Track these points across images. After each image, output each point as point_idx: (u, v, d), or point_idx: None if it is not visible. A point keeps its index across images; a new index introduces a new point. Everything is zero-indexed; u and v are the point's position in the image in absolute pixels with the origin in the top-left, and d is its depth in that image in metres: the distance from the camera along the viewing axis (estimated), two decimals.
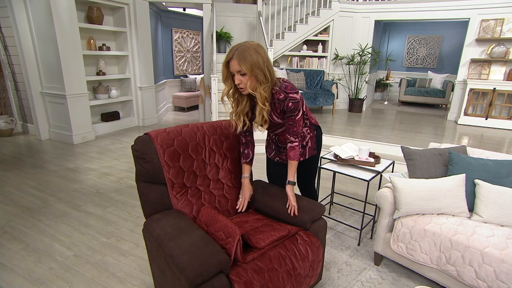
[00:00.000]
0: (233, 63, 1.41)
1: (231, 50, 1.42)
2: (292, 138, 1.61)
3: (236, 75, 1.43)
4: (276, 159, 1.93)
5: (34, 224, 2.46)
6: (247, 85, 1.44)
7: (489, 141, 4.65)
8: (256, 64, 1.40)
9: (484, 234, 1.64)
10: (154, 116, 6.00)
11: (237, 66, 1.40)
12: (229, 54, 1.42)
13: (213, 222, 1.43)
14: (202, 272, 1.16)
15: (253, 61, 1.39)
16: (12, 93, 4.91)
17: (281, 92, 1.51)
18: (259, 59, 1.40)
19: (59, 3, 4.06)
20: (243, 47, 1.40)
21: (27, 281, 1.85)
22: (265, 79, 1.44)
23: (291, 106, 1.52)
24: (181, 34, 7.44)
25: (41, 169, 3.57)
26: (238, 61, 1.39)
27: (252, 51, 1.40)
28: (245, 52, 1.39)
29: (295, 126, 1.58)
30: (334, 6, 6.17)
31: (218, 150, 1.76)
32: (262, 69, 1.41)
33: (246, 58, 1.38)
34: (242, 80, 1.43)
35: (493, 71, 5.50)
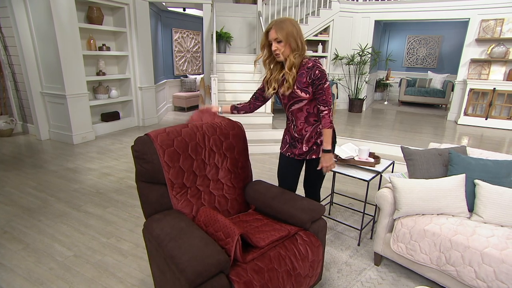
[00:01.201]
0: (272, 31, 1.65)
1: (271, 22, 1.67)
2: (322, 107, 1.72)
3: (274, 42, 1.65)
4: (288, 153, 1.92)
5: (34, 224, 2.46)
6: (282, 51, 1.66)
7: (489, 141, 4.65)
8: (290, 33, 1.63)
9: (484, 234, 1.64)
10: (154, 116, 6.00)
11: (275, 34, 1.64)
12: (269, 25, 1.67)
13: (213, 222, 1.43)
14: (202, 272, 1.16)
15: (288, 30, 1.63)
16: (12, 93, 4.91)
17: (310, 61, 1.69)
18: (293, 29, 1.64)
19: (59, 3, 4.06)
20: (281, 19, 1.66)
21: (27, 281, 1.85)
22: (297, 47, 1.66)
23: (318, 74, 1.66)
24: (181, 34, 7.44)
25: (41, 169, 3.58)
26: (276, 29, 1.63)
27: (288, 22, 1.64)
28: (282, 23, 1.63)
29: (324, 94, 1.70)
30: (334, 6, 6.17)
31: (217, 150, 1.76)
32: (295, 38, 1.64)
33: (282, 28, 1.62)
34: (278, 47, 1.65)
35: (493, 71, 5.50)
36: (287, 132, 1.95)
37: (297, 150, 1.87)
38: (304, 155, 1.87)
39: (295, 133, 1.86)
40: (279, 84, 1.78)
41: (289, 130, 1.91)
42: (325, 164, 1.77)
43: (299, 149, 1.86)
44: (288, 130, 1.93)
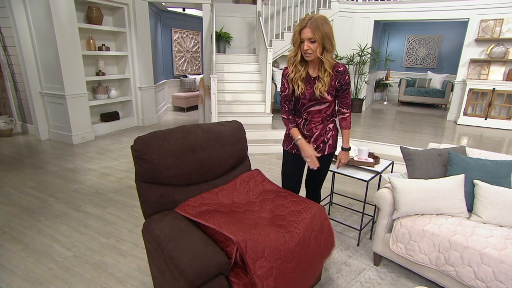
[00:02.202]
0: (306, 30, 1.57)
1: (304, 20, 1.59)
2: (344, 109, 1.81)
3: (306, 41, 1.59)
4: (293, 151, 1.91)
5: (33, 224, 2.46)
6: (315, 51, 1.61)
7: (489, 141, 4.65)
8: (326, 34, 1.58)
9: (483, 234, 1.64)
10: (154, 116, 6.00)
11: (310, 33, 1.57)
12: (303, 23, 1.59)
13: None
14: (202, 274, 1.16)
15: (325, 30, 1.57)
16: (12, 93, 4.90)
17: (341, 65, 1.70)
18: (328, 30, 1.59)
19: (58, 3, 4.06)
20: (315, 18, 1.58)
21: (26, 281, 1.85)
22: (332, 47, 1.63)
23: (347, 80, 1.71)
24: (181, 34, 7.44)
25: (41, 170, 3.57)
26: (312, 29, 1.56)
27: (323, 21, 1.58)
28: (317, 22, 1.56)
29: (348, 98, 1.78)
30: (333, 6, 6.17)
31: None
32: (330, 39, 1.60)
33: (319, 28, 1.56)
34: (310, 46, 1.60)
35: (492, 71, 5.50)
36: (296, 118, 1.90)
37: None
38: None
39: (304, 131, 1.85)
40: (306, 83, 1.74)
41: (298, 126, 1.87)
42: (343, 160, 1.94)
43: None
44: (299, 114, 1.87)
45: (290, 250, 1.35)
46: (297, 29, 1.61)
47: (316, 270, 1.56)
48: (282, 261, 1.31)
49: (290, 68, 1.75)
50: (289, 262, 1.34)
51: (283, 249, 1.32)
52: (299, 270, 1.40)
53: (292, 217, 1.53)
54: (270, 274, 1.26)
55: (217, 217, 1.44)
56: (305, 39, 1.59)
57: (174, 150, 1.57)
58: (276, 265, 1.29)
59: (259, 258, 1.26)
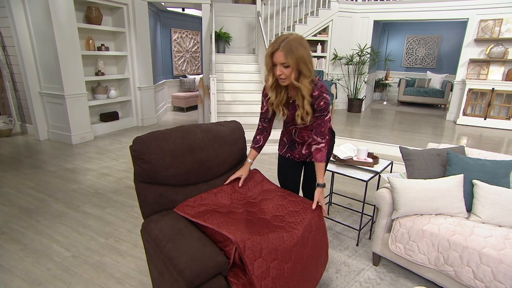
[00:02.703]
0: (279, 54, 1.41)
1: (276, 42, 1.42)
2: (319, 139, 1.61)
3: (279, 66, 1.44)
4: (287, 155, 1.88)
5: (32, 224, 2.46)
6: (289, 76, 1.45)
7: (488, 141, 4.65)
8: (301, 58, 1.41)
9: (482, 234, 1.64)
10: (153, 116, 6.00)
11: (283, 58, 1.40)
12: (275, 45, 1.42)
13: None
14: (200, 274, 1.16)
15: (299, 54, 1.40)
16: (11, 94, 4.90)
17: (316, 89, 1.52)
18: (304, 53, 1.42)
19: (57, 3, 4.06)
20: (288, 40, 1.40)
21: (25, 282, 1.85)
22: (309, 72, 1.46)
23: (323, 105, 1.54)
24: (180, 34, 7.44)
25: (40, 170, 3.57)
26: (285, 53, 1.39)
27: (297, 44, 1.40)
28: (291, 45, 1.39)
29: (323, 126, 1.59)
30: (333, 6, 6.18)
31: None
32: (306, 63, 1.43)
33: (292, 51, 1.39)
34: (283, 71, 1.44)
35: (491, 71, 5.50)
36: (285, 134, 1.87)
37: (296, 152, 1.84)
38: (304, 157, 1.83)
39: (296, 138, 1.80)
40: (289, 107, 1.64)
41: (289, 134, 1.84)
42: (322, 200, 1.61)
43: (298, 152, 1.82)
44: (287, 132, 1.85)
45: (287, 250, 1.34)
46: (269, 52, 1.45)
47: (315, 272, 1.55)
48: (280, 261, 1.31)
49: (269, 93, 1.59)
50: (286, 262, 1.33)
51: (281, 249, 1.32)
52: (297, 270, 1.39)
53: (291, 218, 1.53)
54: (268, 274, 1.26)
55: (216, 217, 1.44)
56: (277, 63, 1.44)
57: (173, 150, 1.56)
58: (273, 265, 1.28)
59: (257, 258, 1.26)
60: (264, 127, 1.79)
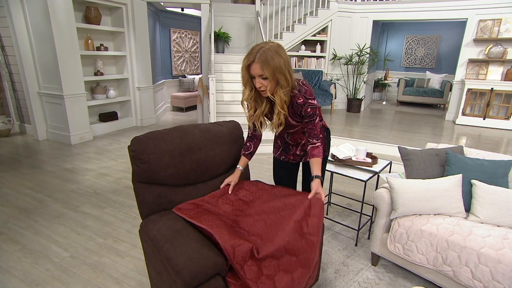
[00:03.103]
0: (255, 66, 1.37)
1: (251, 53, 1.37)
2: (314, 140, 1.61)
3: (257, 78, 1.40)
4: (282, 157, 1.87)
5: (30, 225, 2.45)
6: (267, 88, 1.42)
7: (487, 141, 4.66)
8: (278, 68, 1.36)
9: (481, 234, 1.64)
10: (152, 116, 5.99)
11: (259, 70, 1.36)
12: (250, 57, 1.38)
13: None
14: (198, 275, 1.16)
15: (275, 64, 1.35)
16: (10, 94, 4.89)
17: (300, 96, 1.49)
18: (281, 62, 1.36)
19: (56, 3, 4.05)
20: (264, 50, 1.35)
21: (23, 282, 1.84)
22: (286, 82, 1.41)
23: (310, 112, 1.52)
24: (180, 34, 7.43)
25: (38, 170, 3.56)
26: (261, 65, 1.35)
27: (274, 53, 1.35)
28: (267, 55, 1.34)
29: (315, 129, 1.59)
30: (332, 6, 6.18)
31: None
32: (283, 73, 1.38)
33: (268, 62, 1.34)
34: (263, 83, 1.40)
35: (490, 71, 5.51)
36: (278, 137, 1.85)
37: (291, 154, 1.83)
38: (299, 158, 1.83)
39: (289, 140, 1.80)
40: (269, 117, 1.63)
41: (282, 137, 1.83)
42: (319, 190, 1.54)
43: (293, 153, 1.82)
44: (280, 136, 1.84)
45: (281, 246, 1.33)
46: (244, 64, 1.40)
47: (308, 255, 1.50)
48: (271, 258, 1.30)
49: (249, 106, 1.56)
50: (278, 258, 1.32)
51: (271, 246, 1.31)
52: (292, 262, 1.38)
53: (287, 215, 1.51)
54: (261, 273, 1.26)
55: (212, 219, 1.44)
56: (255, 75, 1.40)
57: (171, 150, 1.56)
58: (265, 263, 1.28)
59: (246, 261, 1.25)
60: (253, 134, 1.75)
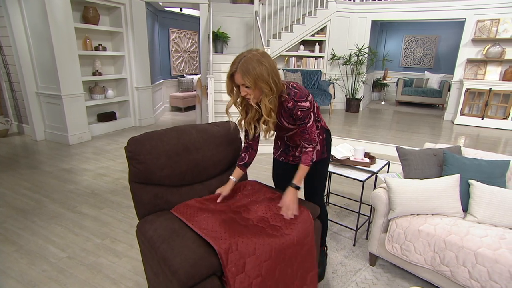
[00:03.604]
0: (237, 76, 1.38)
1: (234, 62, 1.38)
2: (305, 144, 1.57)
3: (241, 87, 1.40)
4: (281, 158, 1.86)
5: (27, 225, 2.44)
6: (252, 96, 1.41)
7: (485, 141, 4.66)
8: (260, 77, 1.34)
9: (478, 234, 1.64)
10: (151, 116, 5.98)
11: (241, 79, 1.36)
12: (232, 67, 1.38)
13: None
14: (194, 275, 1.15)
15: (257, 74, 1.34)
16: (7, 94, 4.88)
17: (290, 100, 1.46)
18: (263, 70, 1.34)
19: (54, 3, 4.04)
20: (245, 59, 1.35)
21: (20, 283, 1.83)
22: (271, 90, 1.39)
23: (300, 115, 1.49)
24: (178, 34, 7.42)
25: (36, 170, 3.55)
26: (242, 75, 1.35)
27: (255, 62, 1.34)
28: (248, 64, 1.33)
29: (307, 133, 1.54)
30: (331, 6, 6.18)
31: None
32: (266, 81, 1.36)
33: (249, 71, 1.33)
34: (247, 91, 1.40)
35: (489, 71, 5.52)
36: (279, 138, 1.85)
37: (290, 155, 1.81)
38: (298, 160, 1.80)
39: (288, 142, 1.78)
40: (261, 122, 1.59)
41: (282, 139, 1.82)
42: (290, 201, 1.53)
43: (293, 154, 1.80)
44: (279, 137, 1.83)
45: (272, 268, 1.33)
46: (228, 74, 1.41)
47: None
48: (263, 279, 1.29)
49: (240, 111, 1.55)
50: (269, 280, 1.32)
51: (265, 266, 1.31)
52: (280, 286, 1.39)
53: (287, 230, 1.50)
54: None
55: (208, 221, 1.43)
56: (239, 84, 1.40)
57: (168, 150, 1.56)
58: (256, 282, 1.27)
59: (239, 273, 1.25)
60: (249, 144, 1.70)
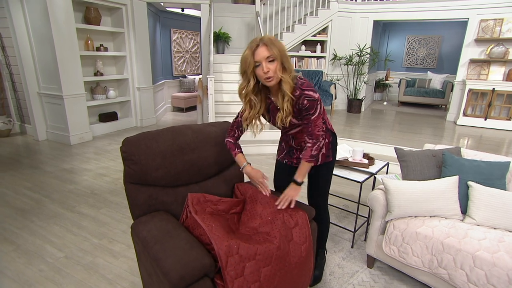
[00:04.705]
0: (261, 49, 1.36)
1: (254, 41, 1.39)
2: (307, 138, 1.53)
3: (264, 63, 1.36)
4: (284, 160, 1.83)
5: (26, 225, 2.45)
6: (276, 72, 1.38)
7: (488, 142, 4.61)
8: (283, 50, 1.39)
9: (476, 237, 1.62)
10: (152, 116, 6.00)
11: (266, 51, 1.35)
12: (253, 44, 1.38)
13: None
14: (185, 276, 1.14)
15: (281, 46, 1.39)
16: (10, 94, 4.91)
17: (297, 88, 1.44)
18: (283, 46, 1.40)
19: (55, 4, 4.06)
20: (265, 36, 1.41)
21: (16, 283, 1.84)
22: (290, 67, 1.42)
23: (306, 104, 1.44)
24: (180, 35, 7.44)
25: (37, 170, 3.57)
26: (268, 46, 1.35)
27: (275, 38, 1.41)
28: (271, 38, 1.39)
29: (311, 126, 1.49)
30: (332, 6, 6.16)
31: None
32: (287, 56, 1.41)
33: (274, 43, 1.37)
34: (270, 67, 1.37)
35: (492, 72, 5.46)
36: (283, 140, 1.82)
37: (294, 157, 1.78)
38: None
39: (293, 144, 1.75)
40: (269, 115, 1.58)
41: (286, 141, 1.79)
42: (290, 193, 1.55)
43: (297, 157, 1.76)
44: (284, 139, 1.81)
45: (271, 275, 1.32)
46: (248, 52, 1.38)
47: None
48: (261, 284, 1.29)
49: (244, 105, 1.51)
50: (267, 286, 1.31)
51: (264, 272, 1.30)
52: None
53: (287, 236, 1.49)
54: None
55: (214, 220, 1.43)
56: (261, 60, 1.35)
57: (163, 151, 1.55)
58: (254, 287, 1.26)
59: (238, 277, 1.24)
60: (239, 136, 1.69)
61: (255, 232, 1.49)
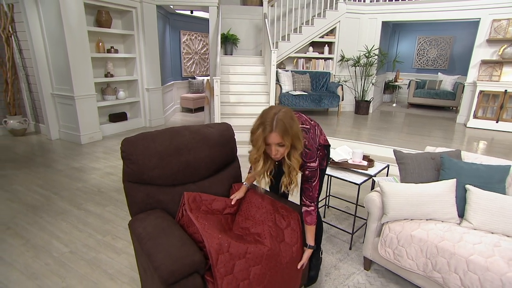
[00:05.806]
0: (273, 135, 1.32)
1: (266, 122, 1.31)
2: (307, 202, 1.55)
3: (274, 146, 1.35)
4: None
5: (36, 221, 2.56)
6: (284, 153, 1.39)
7: (500, 145, 4.50)
8: (296, 135, 1.35)
9: (471, 241, 1.61)
10: (161, 117, 6.11)
11: (279, 139, 1.32)
12: (266, 127, 1.31)
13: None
14: (175, 271, 1.19)
15: (294, 132, 1.33)
16: (26, 94, 5.11)
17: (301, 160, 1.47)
18: (297, 127, 1.36)
19: (69, 8, 4.21)
20: (279, 118, 1.31)
21: (23, 275, 1.94)
22: (301, 144, 1.39)
23: (308, 174, 1.51)
24: (189, 36, 7.55)
25: (49, 168, 3.71)
26: (281, 135, 1.31)
27: (290, 120, 1.33)
28: (285, 123, 1.31)
29: (311, 191, 1.54)
30: (340, 7, 6.13)
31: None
32: (299, 137, 1.37)
33: (287, 131, 1.31)
34: (279, 150, 1.36)
35: (504, 73, 5.32)
36: None
37: None
38: None
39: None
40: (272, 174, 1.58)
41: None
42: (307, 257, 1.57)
43: None
44: None
45: (261, 274, 1.35)
46: (260, 134, 1.32)
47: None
48: (250, 282, 1.32)
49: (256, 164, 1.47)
50: (257, 284, 1.34)
51: (253, 270, 1.33)
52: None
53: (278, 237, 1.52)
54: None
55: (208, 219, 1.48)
56: (272, 143, 1.34)
57: (160, 151, 1.61)
58: (243, 284, 1.30)
59: (228, 274, 1.28)
60: None
61: (247, 232, 1.53)
